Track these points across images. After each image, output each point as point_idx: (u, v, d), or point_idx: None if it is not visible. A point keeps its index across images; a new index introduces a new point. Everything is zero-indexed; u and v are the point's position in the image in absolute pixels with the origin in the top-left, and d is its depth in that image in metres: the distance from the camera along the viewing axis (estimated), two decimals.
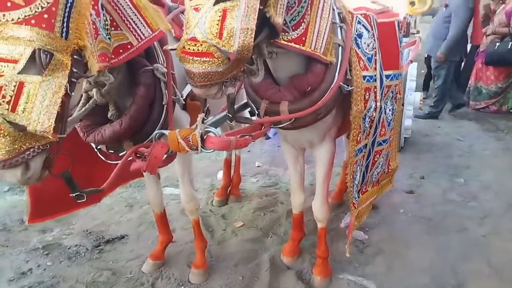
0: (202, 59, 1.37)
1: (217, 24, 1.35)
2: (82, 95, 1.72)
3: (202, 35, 1.35)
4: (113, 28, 1.63)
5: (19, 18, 1.19)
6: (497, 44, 5.59)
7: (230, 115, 1.71)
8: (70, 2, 1.27)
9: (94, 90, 1.69)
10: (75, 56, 1.29)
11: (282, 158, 3.10)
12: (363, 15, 2.20)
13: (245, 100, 2.02)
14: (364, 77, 2.07)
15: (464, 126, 5.45)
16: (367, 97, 2.10)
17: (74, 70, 1.29)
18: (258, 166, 4.21)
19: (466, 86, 6.19)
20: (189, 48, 1.38)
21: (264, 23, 1.49)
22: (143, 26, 1.71)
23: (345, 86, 1.88)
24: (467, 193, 3.54)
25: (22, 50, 1.19)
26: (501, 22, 5.60)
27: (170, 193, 3.55)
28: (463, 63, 6.44)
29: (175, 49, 1.45)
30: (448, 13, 5.25)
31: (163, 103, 1.82)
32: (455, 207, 3.27)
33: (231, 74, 1.45)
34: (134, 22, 1.68)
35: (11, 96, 1.18)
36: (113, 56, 1.61)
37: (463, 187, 3.66)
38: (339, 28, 1.91)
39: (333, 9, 1.89)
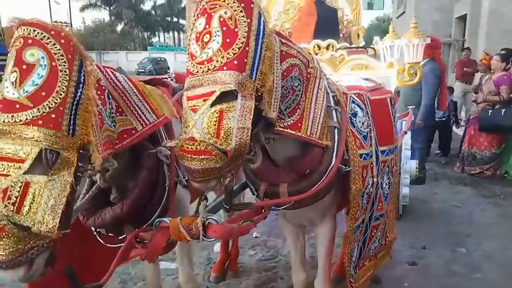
0: (200, 157, 1.40)
1: (214, 125, 1.39)
2: (85, 180, 1.74)
3: (200, 135, 1.39)
4: (118, 114, 1.67)
5: (27, 119, 1.23)
6: (490, 111, 5.77)
7: (227, 206, 1.72)
8: (77, 100, 1.32)
9: (98, 175, 1.71)
10: (80, 151, 1.32)
11: (280, 228, 3.06)
12: (356, 95, 2.29)
13: (243, 181, 2.04)
14: (361, 155, 2.12)
15: (461, 192, 5.46)
16: (364, 174, 2.13)
17: (80, 164, 1.31)
18: (256, 237, 4.14)
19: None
20: (187, 147, 1.41)
21: (260, 116, 1.54)
22: (148, 112, 1.77)
23: (343, 167, 1.91)
24: (470, 264, 3.47)
25: (28, 150, 1.21)
26: (491, 91, 5.82)
27: (165, 267, 3.45)
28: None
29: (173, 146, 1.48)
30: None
31: (166, 185, 1.84)
32: (460, 280, 3.19)
33: (229, 168, 1.48)
34: (139, 108, 1.74)
35: (16, 197, 1.19)
36: (117, 142, 1.65)
37: (465, 258, 3.59)
38: (334, 111, 1.99)
39: (328, 93, 1.97)
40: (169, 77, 2.44)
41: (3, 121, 1.25)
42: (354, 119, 2.18)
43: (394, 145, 2.63)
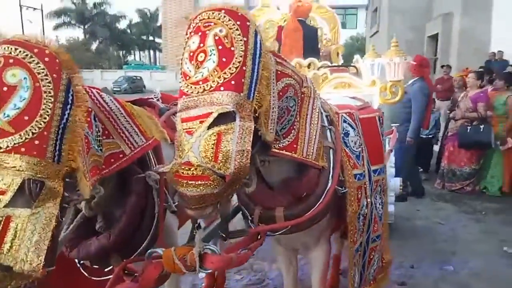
0: (196, 182, 1.31)
1: (212, 148, 1.31)
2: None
3: (197, 159, 1.30)
4: (104, 137, 1.57)
5: (7, 146, 1.11)
6: (469, 128, 5.87)
7: (224, 234, 1.62)
8: (63, 123, 1.21)
9: (83, 203, 1.59)
10: (66, 179, 1.21)
11: (267, 250, 2.96)
12: (347, 114, 2.26)
13: (235, 205, 1.95)
14: (355, 175, 2.07)
15: (443, 209, 5.50)
16: (359, 195, 2.08)
17: (66, 194, 1.20)
18: None
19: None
20: (183, 172, 1.32)
21: (256, 137, 1.46)
22: (137, 134, 1.67)
23: (340, 188, 1.86)
24: (458, 282, 3.45)
25: (9, 180, 1.09)
26: (468, 108, 5.93)
27: None
28: None
29: (167, 171, 1.39)
30: (407, 99, 5.53)
31: (155, 212, 1.73)
32: None
33: (227, 194, 1.40)
34: (127, 130, 1.64)
35: None
36: (104, 167, 1.54)
37: (453, 276, 3.57)
38: (328, 131, 1.94)
39: (321, 113, 1.93)
40: (155, 97, 2.35)
41: None
42: (347, 138, 2.14)
43: (384, 164, 2.61)
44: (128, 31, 44.49)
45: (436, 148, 7.40)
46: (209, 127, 1.32)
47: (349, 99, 2.81)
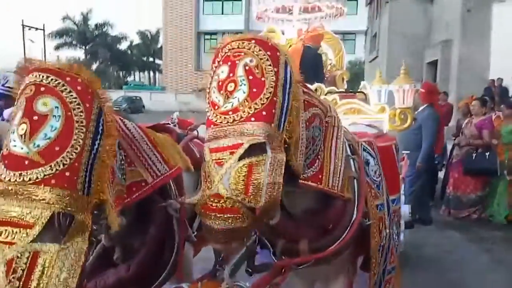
0: (225, 215, 1.26)
1: (243, 180, 1.26)
2: None
3: (227, 191, 1.26)
4: (127, 165, 1.53)
5: (37, 178, 1.07)
6: (474, 155, 5.86)
7: (250, 270, 1.57)
8: (94, 154, 1.17)
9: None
10: (94, 212, 1.17)
11: None
12: (367, 142, 2.23)
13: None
14: (377, 206, 2.03)
15: (450, 237, 5.42)
16: (380, 227, 2.03)
17: (94, 227, 1.15)
18: None
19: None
20: (211, 204, 1.28)
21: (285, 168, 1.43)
22: (159, 162, 1.64)
23: (365, 220, 1.81)
24: None
25: (38, 213, 1.05)
26: (473, 135, 5.94)
27: None
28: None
29: (194, 203, 1.34)
30: (417, 126, 5.54)
31: (175, 242, 1.68)
32: None
33: (255, 228, 1.35)
34: (150, 158, 1.61)
35: (23, 271, 1.01)
36: (125, 196, 1.49)
37: None
38: (352, 160, 1.91)
39: (345, 142, 1.90)
40: (172, 123, 2.32)
41: (9, 180, 1.08)
42: (367, 167, 2.11)
43: (400, 193, 2.57)
44: (129, 52, 44.91)
45: (440, 174, 7.38)
46: (240, 159, 1.28)
47: (365, 126, 2.79)
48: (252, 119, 1.32)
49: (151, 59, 45.74)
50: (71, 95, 1.17)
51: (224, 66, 1.43)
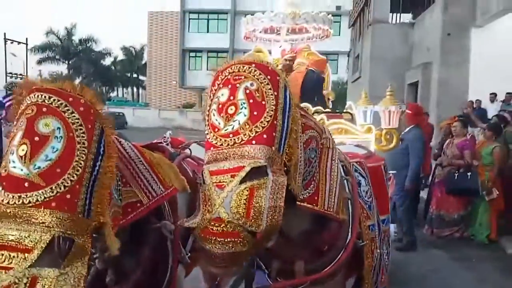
0: (226, 240, 1.26)
1: (244, 204, 1.27)
2: None
3: (228, 215, 1.26)
4: (122, 185, 1.53)
5: (37, 200, 1.05)
6: (456, 175, 5.96)
7: None
8: (94, 175, 1.16)
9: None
10: (93, 235, 1.15)
11: None
12: (358, 163, 2.27)
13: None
14: (369, 226, 2.06)
15: (434, 256, 5.48)
16: (372, 247, 2.05)
17: (92, 251, 1.14)
18: None
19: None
20: (212, 229, 1.27)
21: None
22: (155, 182, 1.63)
23: (358, 241, 1.83)
24: None
25: (37, 237, 1.02)
26: (455, 155, 6.06)
27: None
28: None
29: (194, 227, 1.34)
30: (405, 146, 5.64)
31: (168, 264, 1.66)
32: None
33: (254, 252, 1.35)
34: (146, 178, 1.60)
35: None
36: (121, 217, 1.48)
37: None
38: (345, 181, 1.93)
39: (338, 163, 1.93)
40: (165, 141, 2.32)
41: (7, 202, 1.05)
42: (359, 188, 2.14)
43: (389, 213, 2.61)
44: (113, 67, 44.67)
45: (422, 193, 7.48)
46: (241, 182, 1.29)
47: (353, 147, 2.83)
48: (253, 142, 1.33)
49: (135, 75, 45.59)
50: (74, 116, 1.17)
51: (224, 89, 1.45)
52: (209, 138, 1.42)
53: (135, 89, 48.49)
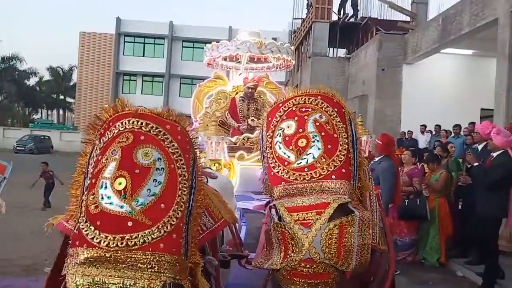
0: (315, 281, 1.24)
1: (335, 243, 1.24)
2: None
3: (320, 255, 1.23)
4: None
5: (144, 242, 0.95)
6: (406, 201, 6.33)
7: None
8: (189, 210, 1.09)
9: None
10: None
11: None
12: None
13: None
14: None
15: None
16: None
17: None
18: None
19: None
20: (302, 270, 1.24)
21: None
22: (205, 215, 1.55)
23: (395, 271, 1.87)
24: None
25: (144, 285, 0.94)
26: (405, 182, 6.44)
27: None
28: None
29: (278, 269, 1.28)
30: (375, 177, 5.74)
31: None
32: None
33: None
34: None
35: None
36: None
37: None
38: (377, 211, 1.98)
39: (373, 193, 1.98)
40: None
41: (106, 245, 0.94)
42: None
43: None
44: (37, 88, 41.97)
45: None
46: (329, 219, 1.27)
47: None
48: (333, 176, 1.33)
49: (61, 96, 43.17)
50: (173, 145, 1.09)
51: (290, 121, 1.44)
52: (279, 173, 1.39)
53: (61, 111, 45.84)
